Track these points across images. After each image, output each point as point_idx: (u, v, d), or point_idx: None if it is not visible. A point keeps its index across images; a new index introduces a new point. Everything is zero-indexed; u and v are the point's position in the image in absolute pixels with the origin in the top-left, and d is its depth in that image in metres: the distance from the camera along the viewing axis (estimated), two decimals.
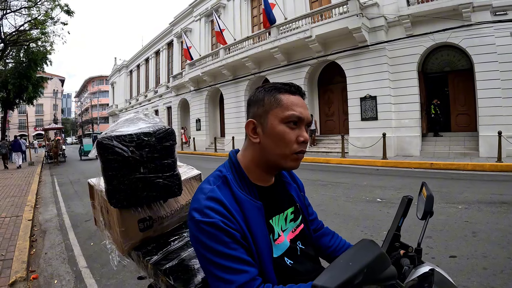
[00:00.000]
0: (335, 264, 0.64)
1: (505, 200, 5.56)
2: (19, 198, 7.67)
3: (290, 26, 16.05)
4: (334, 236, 1.27)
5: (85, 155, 21.59)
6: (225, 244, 0.82)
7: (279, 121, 0.91)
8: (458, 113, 12.95)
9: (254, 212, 0.91)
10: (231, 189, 0.92)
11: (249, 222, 0.88)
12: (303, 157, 0.96)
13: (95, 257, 4.02)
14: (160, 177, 1.37)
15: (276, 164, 0.95)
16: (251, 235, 0.88)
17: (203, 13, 24.74)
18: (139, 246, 1.44)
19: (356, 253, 0.66)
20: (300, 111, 0.92)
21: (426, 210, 1.02)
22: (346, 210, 5.48)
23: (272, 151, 0.93)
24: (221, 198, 0.87)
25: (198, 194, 0.91)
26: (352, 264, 0.62)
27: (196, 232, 0.84)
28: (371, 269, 0.63)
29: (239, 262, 0.82)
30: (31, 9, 19.01)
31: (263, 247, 0.89)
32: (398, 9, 12.85)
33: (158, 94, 32.83)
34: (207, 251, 0.82)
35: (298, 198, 1.15)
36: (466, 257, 3.33)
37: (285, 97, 0.93)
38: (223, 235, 0.82)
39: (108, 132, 1.33)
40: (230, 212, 0.85)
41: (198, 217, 0.84)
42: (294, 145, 0.91)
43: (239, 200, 0.90)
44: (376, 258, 0.64)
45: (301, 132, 0.92)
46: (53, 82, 54.67)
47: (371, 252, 0.65)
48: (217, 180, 0.94)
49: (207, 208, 0.84)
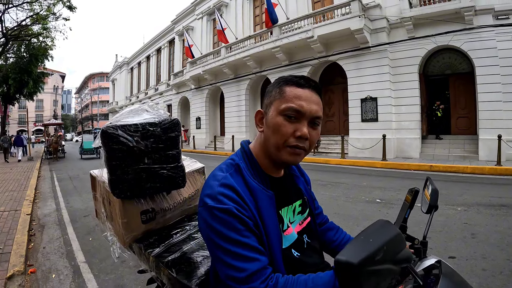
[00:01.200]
0: (357, 241, 0.64)
1: (504, 203, 5.56)
2: (18, 192, 7.65)
3: (292, 26, 16.05)
4: (338, 230, 1.27)
5: (85, 153, 19.26)
6: (238, 231, 0.81)
7: (277, 112, 0.90)
8: (459, 116, 12.95)
9: (265, 201, 0.90)
10: (244, 177, 0.91)
11: (261, 211, 0.88)
12: (304, 154, 0.93)
13: (94, 252, 4.01)
14: (164, 168, 1.37)
15: (273, 156, 0.94)
16: (262, 224, 0.87)
17: (205, 12, 24.72)
18: (141, 239, 1.44)
19: (375, 231, 0.66)
20: (301, 104, 0.88)
21: (431, 204, 1.02)
22: (346, 210, 5.48)
23: (269, 141, 0.93)
24: (234, 185, 0.86)
25: (211, 180, 0.90)
26: (372, 241, 0.63)
27: (209, 218, 0.83)
28: (390, 247, 0.63)
29: (251, 250, 0.81)
30: (33, 4, 19.00)
31: (274, 237, 0.89)
32: (400, 11, 12.84)
33: (158, 92, 32.83)
34: (219, 238, 0.81)
35: (306, 191, 1.15)
36: (465, 258, 3.33)
37: (290, 89, 0.91)
38: (237, 222, 0.81)
39: (113, 121, 1.32)
40: (243, 199, 0.85)
41: (212, 203, 0.83)
42: (290, 138, 0.89)
43: (251, 188, 0.89)
44: (394, 237, 0.65)
45: (300, 127, 0.89)
46: (54, 78, 54.73)
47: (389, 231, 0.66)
48: (229, 168, 0.93)
49: (220, 194, 0.84)
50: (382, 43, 13.43)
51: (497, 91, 10.94)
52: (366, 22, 13.15)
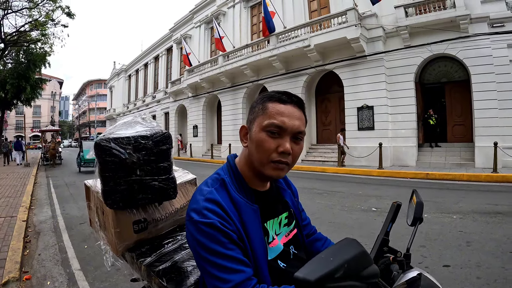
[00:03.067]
0: (317, 258, 0.67)
1: (500, 210, 5.59)
2: (14, 198, 7.62)
3: (289, 35, 16.17)
4: (326, 241, 1.29)
5: (85, 165, 14.95)
6: (222, 244, 0.83)
7: (260, 128, 0.93)
8: (455, 124, 13.04)
9: (250, 215, 0.93)
10: (229, 191, 0.94)
11: (245, 224, 0.91)
12: (287, 169, 0.95)
13: (89, 260, 4.00)
14: (155, 180, 1.38)
15: (258, 170, 0.97)
16: (247, 236, 0.90)
17: (203, 20, 24.88)
18: (133, 248, 1.45)
19: (337, 249, 0.69)
20: (283, 121, 0.90)
21: (415, 217, 1.03)
22: (341, 218, 5.49)
23: (253, 156, 0.96)
24: (218, 199, 0.89)
25: (197, 195, 0.93)
26: (333, 259, 0.65)
27: (195, 232, 0.86)
28: (352, 265, 0.66)
29: (235, 262, 0.84)
30: (32, 10, 19.09)
31: (259, 249, 0.92)
32: (396, 20, 13.00)
33: (156, 99, 32.84)
34: (204, 251, 0.84)
35: (292, 204, 1.17)
36: (460, 267, 3.34)
37: (272, 106, 0.93)
38: (221, 235, 0.84)
39: (106, 134, 1.35)
40: (227, 213, 0.88)
41: (197, 218, 0.86)
42: (273, 154, 0.91)
43: (236, 203, 0.92)
44: (357, 255, 0.67)
45: (282, 142, 0.91)
46: (52, 84, 54.62)
47: (352, 249, 0.68)
48: (215, 183, 0.96)
49: (205, 209, 0.87)
50: (378, 51, 13.56)
51: (493, 98, 11.07)
52: (363, 31, 13.28)
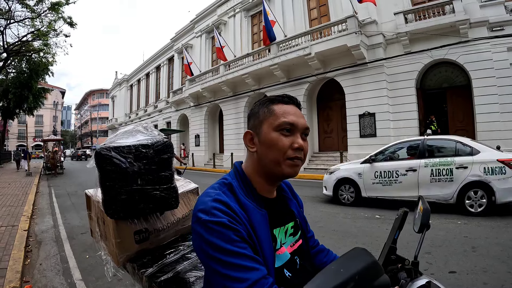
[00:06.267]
0: (326, 270, 0.64)
1: (504, 214, 5.55)
2: (15, 208, 7.59)
3: (290, 43, 16.25)
4: (328, 253, 1.27)
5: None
6: (234, 242, 0.81)
7: (272, 129, 0.94)
8: (457, 129, 12.97)
9: (259, 219, 0.91)
10: (236, 195, 0.92)
11: (254, 227, 0.89)
12: (301, 165, 0.96)
13: (90, 270, 3.96)
14: (157, 189, 1.37)
15: (273, 172, 0.96)
16: (257, 239, 0.88)
17: (204, 30, 25.07)
18: (135, 258, 1.43)
19: (347, 261, 0.66)
20: (293, 119, 0.94)
21: (422, 223, 1.01)
22: (345, 226, 5.45)
23: (267, 158, 0.95)
24: (227, 200, 0.87)
25: (204, 197, 0.90)
26: (343, 271, 0.62)
27: (204, 232, 0.82)
28: (363, 277, 0.63)
29: (250, 260, 0.81)
30: (35, 20, 19.28)
31: (268, 254, 0.89)
32: (396, 26, 13.07)
33: (158, 109, 32.90)
34: (216, 251, 0.80)
35: (298, 214, 1.15)
36: (466, 273, 3.30)
37: (278, 107, 0.96)
38: (232, 233, 0.81)
39: (106, 143, 1.34)
40: (236, 213, 0.86)
41: (205, 217, 0.83)
42: (289, 151, 0.92)
43: (244, 206, 0.90)
44: (368, 266, 0.64)
45: (296, 139, 0.93)
46: (54, 93, 55.00)
47: (363, 260, 0.65)
48: (222, 187, 0.94)
49: (214, 208, 0.84)
50: (379, 58, 13.62)
51: (494, 102, 11.08)
52: (363, 38, 13.35)
